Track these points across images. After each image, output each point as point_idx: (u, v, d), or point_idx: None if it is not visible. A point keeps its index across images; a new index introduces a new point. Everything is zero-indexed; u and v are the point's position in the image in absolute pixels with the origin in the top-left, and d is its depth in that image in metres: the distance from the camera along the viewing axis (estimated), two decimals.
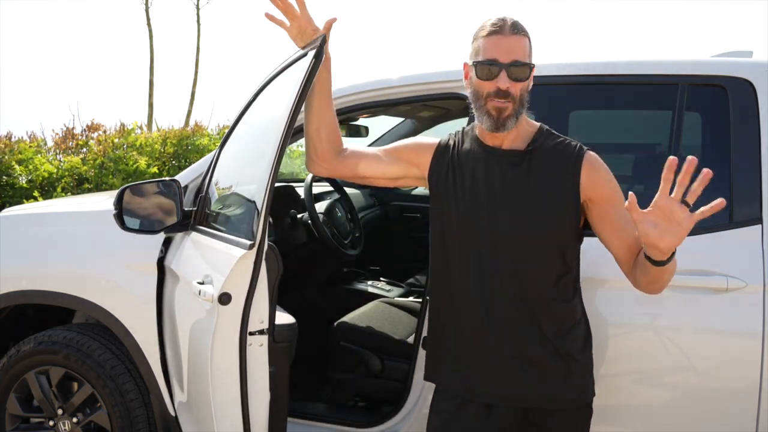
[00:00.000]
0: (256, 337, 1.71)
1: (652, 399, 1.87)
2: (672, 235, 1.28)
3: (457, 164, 1.62)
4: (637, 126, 2.17)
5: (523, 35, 1.51)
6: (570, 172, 1.52)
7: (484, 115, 1.53)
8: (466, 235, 1.57)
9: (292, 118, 1.63)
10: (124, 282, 2.26)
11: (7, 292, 2.41)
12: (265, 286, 1.72)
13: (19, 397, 2.44)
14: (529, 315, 1.52)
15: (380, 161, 1.75)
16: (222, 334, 1.72)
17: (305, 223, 2.97)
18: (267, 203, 1.64)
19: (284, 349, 1.85)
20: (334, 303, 3.15)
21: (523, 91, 1.52)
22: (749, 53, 2.16)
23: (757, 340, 1.77)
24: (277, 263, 1.80)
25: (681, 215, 1.26)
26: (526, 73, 1.51)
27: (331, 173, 1.81)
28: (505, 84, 1.49)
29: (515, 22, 1.52)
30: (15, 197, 5.57)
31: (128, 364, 2.31)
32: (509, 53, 1.49)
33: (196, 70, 21.07)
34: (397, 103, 2.27)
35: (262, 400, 1.74)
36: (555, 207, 1.51)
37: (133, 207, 2.11)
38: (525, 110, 1.56)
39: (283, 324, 1.86)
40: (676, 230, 1.27)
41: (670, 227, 1.27)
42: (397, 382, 2.36)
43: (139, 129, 6.61)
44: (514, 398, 1.54)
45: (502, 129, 1.52)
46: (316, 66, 1.63)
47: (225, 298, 1.67)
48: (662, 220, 1.28)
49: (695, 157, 1.22)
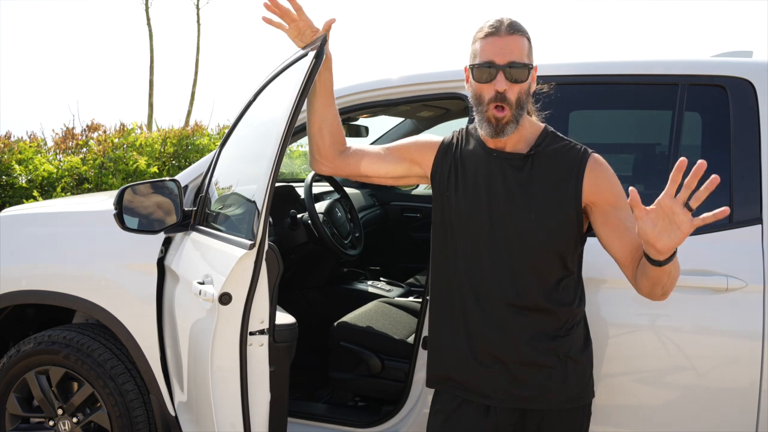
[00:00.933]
0: (257, 337, 1.71)
1: (652, 399, 1.87)
2: (669, 236, 1.26)
3: (460, 164, 1.62)
4: (637, 126, 2.17)
5: (521, 35, 1.49)
6: (573, 176, 1.51)
7: (484, 122, 1.52)
8: (467, 235, 1.56)
9: (292, 119, 1.63)
10: (124, 282, 2.26)
11: (7, 292, 2.41)
12: (266, 286, 1.72)
13: (19, 397, 2.44)
14: (527, 317, 1.51)
15: (384, 160, 1.75)
16: (222, 334, 1.72)
17: (305, 223, 2.97)
18: (267, 203, 1.64)
19: (285, 349, 1.85)
20: (334, 303, 3.15)
21: (521, 94, 1.50)
22: (749, 53, 2.16)
23: (757, 340, 1.77)
24: (278, 263, 1.80)
25: (682, 218, 1.24)
26: (524, 75, 1.48)
27: (335, 172, 1.81)
28: (503, 86, 1.47)
29: (512, 23, 1.50)
30: (15, 197, 5.57)
31: (128, 364, 2.31)
32: (506, 54, 1.47)
33: (196, 70, 21.07)
34: (397, 103, 2.28)
35: (262, 400, 1.74)
36: (556, 211, 1.50)
37: (133, 207, 2.11)
38: (525, 113, 1.54)
39: (284, 324, 1.86)
40: (675, 233, 1.26)
41: (669, 228, 1.26)
42: (397, 382, 2.36)
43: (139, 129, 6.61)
44: (511, 399, 1.54)
45: (501, 135, 1.51)
46: (316, 66, 1.63)
47: (225, 298, 1.68)
48: (662, 220, 1.26)
49: (705, 162, 1.21)
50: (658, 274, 1.37)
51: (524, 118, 1.55)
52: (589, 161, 1.52)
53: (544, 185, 1.52)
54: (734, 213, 1.85)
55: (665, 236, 1.26)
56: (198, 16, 21.21)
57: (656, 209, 1.27)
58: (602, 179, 1.51)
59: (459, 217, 1.57)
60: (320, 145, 1.77)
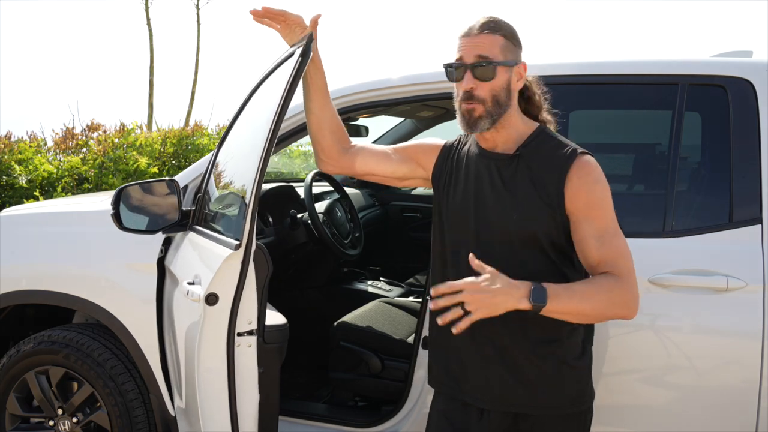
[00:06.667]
0: (245, 337, 1.69)
1: (652, 399, 1.87)
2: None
3: (456, 165, 1.62)
4: (637, 126, 2.17)
5: (494, 33, 1.48)
6: (554, 179, 1.47)
7: (459, 116, 1.53)
8: (457, 236, 1.57)
9: (277, 120, 1.61)
10: (124, 282, 2.26)
11: (7, 292, 2.41)
12: (254, 287, 1.70)
13: (19, 397, 2.43)
14: (518, 320, 1.47)
15: (389, 159, 1.74)
16: (209, 334, 1.70)
17: (305, 223, 2.97)
18: (254, 204, 1.62)
19: (275, 350, 1.82)
20: (334, 303, 3.15)
21: (495, 91, 1.48)
22: (749, 53, 2.16)
23: (757, 340, 1.77)
24: (267, 264, 1.78)
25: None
26: (489, 73, 1.47)
27: (341, 171, 1.81)
28: (469, 84, 1.47)
29: (488, 21, 1.49)
30: (15, 197, 5.57)
31: (128, 364, 2.31)
32: (474, 53, 1.47)
33: (196, 70, 21.07)
34: (397, 103, 2.27)
35: (251, 401, 1.72)
36: (537, 212, 1.48)
37: (130, 207, 2.11)
38: (510, 111, 1.52)
39: (274, 325, 1.85)
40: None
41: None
42: (397, 382, 2.36)
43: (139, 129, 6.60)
44: (503, 403, 1.52)
45: (474, 129, 1.51)
46: (303, 64, 1.61)
47: (212, 298, 1.66)
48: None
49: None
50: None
51: (512, 116, 1.53)
52: (574, 164, 1.47)
53: (525, 186, 1.50)
54: (734, 213, 1.85)
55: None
56: (198, 16, 21.22)
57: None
58: (582, 184, 1.45)
59: (451, 216, 1.58)
60: (323, 144, 1.76)
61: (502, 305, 1.33)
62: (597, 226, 1.45)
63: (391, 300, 2.93)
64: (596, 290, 1.39)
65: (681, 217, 1.90)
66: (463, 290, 1.33)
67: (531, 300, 1.34)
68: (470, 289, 1.33)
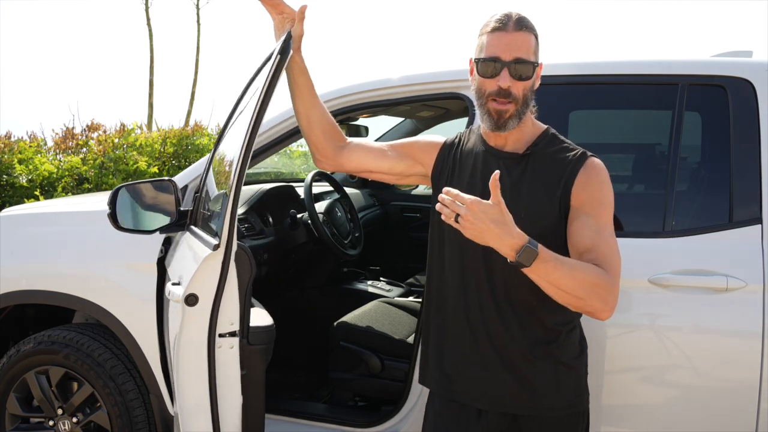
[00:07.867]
0: (227, 339, 1.67)
1: (652, 399, 1.87)
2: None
3: (458, 162, 1.62)
4: (637, 126, 2.17)
5: (529, 32, 1.47)
6: (562, 182, 1.48)
7: (485, 114, 1.50)
8: (459, 234, 1.56)
9: (256, 120, 1.59)
10: (124, 282, 2.26)
11: (7, 292, 2.41)
12: (235, 288, 1.67)
13: (19, 397, 2.44)
14: (517, 320, 1.48)
15: (386, 156, 1.74)
16: (188, 335, 1.68)
17: (305, 223, 2.97)
18: (233, 204, 1.60)
19: (259, 352, 1.79)
20: (334, 303, 3.15)
21: (527, 91, 1.48)
22: (749, 53, 2.16)
23: (757, 340, 1.77)
24: (250, 264, 1.75)
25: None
26: (529, 72, 1.47)
27: (338, 168, 1.80)
28: (507, 82, 1.45)
29: (520, 18, 1.48)
30: (15, 197, 5.57)
31: (128, 364, 2.31)
32: (512, 50, 1.45)
33: (196, 70, 21.08)
34: (397, 103, 2.27)
35: (233, 403, 1.70)
36: (543, 212, 1.48)
37: (127, 206, 2.10)
38: (528, 110, 1.52)
39: (259, 326, 1.81)
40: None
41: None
42: (397, 382, 2.36)
43: (139, 129, 6.61)
44: (501, 404, 1.52)
45: (503, 129, 1.49)
46: (281, 62, 1.59)
47: (192, 299, 1.64)
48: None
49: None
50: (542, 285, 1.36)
51: (528, 116, 1.53)
52: (584, 165, 1.48)
53: (533, 187, 1.50)
54: (734, 213, 1.85)
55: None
56: (198, 16, 21.24)
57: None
58: (589, 184, 1.47)
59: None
60: (317, 144, 1.76)
61: (490, 241, 1.30)
62: (596, 221, 1.45)
63: (391, 300, 2.93)
64: (585, 274, 1.36)
65: (681, 217, 1.90)
66: (465, 205, 1.29)
67: (517, 256, 1.30)
68: (471, 209, 1.29)
